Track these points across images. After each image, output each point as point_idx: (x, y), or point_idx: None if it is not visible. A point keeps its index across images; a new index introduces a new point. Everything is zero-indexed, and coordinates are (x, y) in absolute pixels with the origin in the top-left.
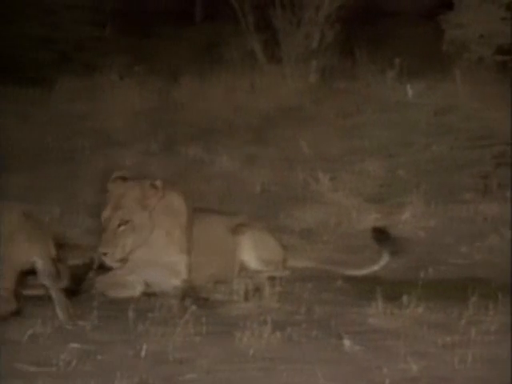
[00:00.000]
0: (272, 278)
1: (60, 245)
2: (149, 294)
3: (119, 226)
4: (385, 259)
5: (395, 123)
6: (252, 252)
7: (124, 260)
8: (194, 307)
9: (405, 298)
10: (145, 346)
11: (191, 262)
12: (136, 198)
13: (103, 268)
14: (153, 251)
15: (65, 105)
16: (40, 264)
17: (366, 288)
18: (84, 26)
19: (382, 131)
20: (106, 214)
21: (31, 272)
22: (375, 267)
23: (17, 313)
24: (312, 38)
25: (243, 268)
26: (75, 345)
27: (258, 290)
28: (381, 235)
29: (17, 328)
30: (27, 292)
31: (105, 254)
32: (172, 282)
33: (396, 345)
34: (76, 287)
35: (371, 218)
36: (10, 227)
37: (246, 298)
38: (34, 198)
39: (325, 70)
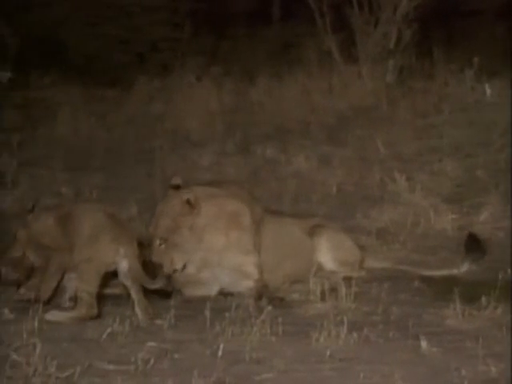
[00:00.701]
0: (348, 279)
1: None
2: (225, 294)
3: (160, 244)
4: (466, 266)
5: (473, 123)
6: (329, 254)
7: (178, 270)
8: (270, 307)
9: (483, 299)
10: (221, 346)
11: (261, 263)
12: (172, 216)
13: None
14: (215, 254)
15: (142, 105)
16: (124, 264)
17: (443, 289)
18: (161, 28)
19: (460, 131)
20: (150, 230)
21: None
22: (454, 271)
23: (96, 317)
24: (389, 38)
25: (320, 269)
26: (153, 343)
27: (334, 290)
28: (473, 243)
29: (95, 327)
30: (105, 291)
31: (160, 265)
32: (244, 283)
33: (474, 346)
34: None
35: (448, 219)
36: (94, 228)
37: (323, 298)
38: (111, 197)
39: (402, 70)
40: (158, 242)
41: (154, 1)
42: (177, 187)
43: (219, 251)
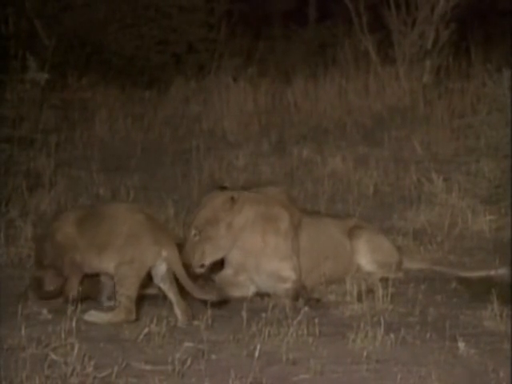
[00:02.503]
0: (385, 280)
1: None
2: (261, 295)
3: (195, 235)
4: (503, 269)
5: (511, 123)
6: (368, 255)
7: (205, 267)
8: (306, 308)
9: None
10: (258, 346)
11: (299, 265)
12: (213, 209)
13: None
14: (252, 258)
15: (179, 106)
16: (163, 267)
17: (480, 290)
18: (198, 28)
19: (497, 131)
20: (188, 221)
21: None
22: (492, 272)
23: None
24: (426, 38)
25: (358, 270)
26: (189, 344)
27: (370, 291)
28: None
29: (133, 327)
30: (142, 291)
31: (190, 263)
32: (281, 285)
33: None
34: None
35: (486, 220)
36: (134, 229)
37: (359, 299)
38: (149, 198)
39: (439, 70)
40: (193, 231)
41: (191, 2)
42: (224, 188)
43: (256, 255)
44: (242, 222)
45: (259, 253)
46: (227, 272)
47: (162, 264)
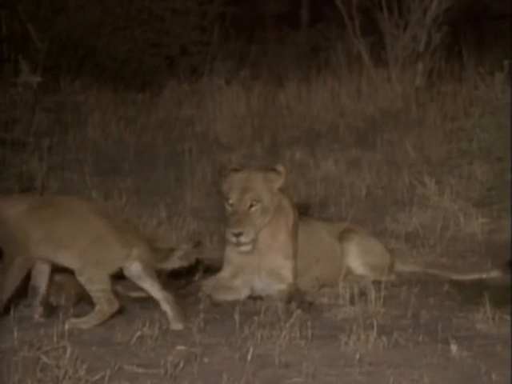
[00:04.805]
0: (377, 282)
1: (168, 248)
2: (254, 298)
3: (250, 206)
4: (495, 272)
5: (503, 126)
6: (359, 259)
7: (254, 242)
8: (299, 311)
9: None
10: (251, 349)
11: (297, 266)
12: (262, 180)
13: (209, 271)
14: (258, 255)
15: (172, 109)
16: (136, 266)
17: (473, 293)
18: (190, 31)
19: (490, 134)
20: (235, 196)
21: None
22: (484, 275)
23: (120, 311)
24: (419, 41)
25: (349, 273)
26: (182, 347)
27: (363, 294)
28: None
29: (125, 330)
30: (134, 294)
31: (239, 234)
32: (276, 286)
33: (505, 351)
34: (183, 290)
35: (478, 223)
36: (99, 231)
37: (352, 302)
38: (141, 201)
39: (431, 73)
40: (249, 203)
41: (184, 5)
42: (237, 170)
43: (263, 250)
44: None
45: (267, 248)
46: (222, 275)
47: (133, 264)
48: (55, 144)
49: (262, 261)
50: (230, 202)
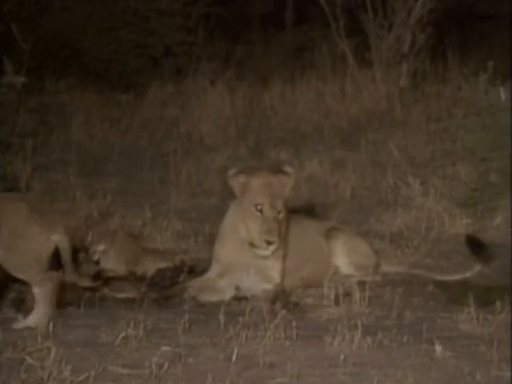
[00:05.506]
0: (362, 283)
1: (152, 249)
2: (239, 298)
3: (279, 212)
4: (477, 267)
5: (487, 127)
6: (346, 257)
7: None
8: (283, 311)
9: (498, 304)
10: (235, 350)
11: (285, 267)
12: (282, 184)
13: (193, 272)
14: (247, 255)
15: (156, 110)
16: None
17: (457, 293)
18: (175, 32)
19: (474, 135)
20: (266, 203)
21: (121, 278)
22: (467, 273)
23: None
24: (403, 42)
25: (335, 272)
26: (166, 348)
27: (348, 294)
28: (474, 243)
29: (109, 331)
30: (119, 295)
31: (270, 243)
32: (263, 285)
33: (489, 351)
34: (168, 291)
35: (463, 223)
36: (18, 220)
37: (337, 303)
38: (126, 201)
39: (416, 74)
40: (278, 210)
41: (169, 5)
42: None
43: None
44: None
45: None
46: (209, 276)
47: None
48: (39, 145)
49: (253, 259)
50: (259, 208)
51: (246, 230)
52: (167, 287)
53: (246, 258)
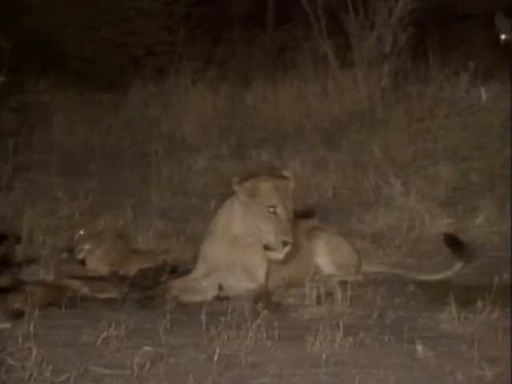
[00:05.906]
0: (344, 283)
1: (138, 250)
2: (221, 298)
3: (289, 213)
4: (458, 265)
5: (468, 127)
6: (327, 257)
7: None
8: (266, 311)
9: (479, 303)
10: (217, 350)
11: (269, 268)
12: (285, 188)
13: (175, 272)
14: (236, 254)
15: (138, 110)
16: None
17: (438, 293)
18: (157, 32)
19: (455, 135)
20: (281, 204)
21: (103, 278)
22: (448, 272)
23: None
24: (385, 42)
25: (317, 272)
26: (148, 348)
27: (330, 294)
28: (452, 241)
29: (91, 331)
30: (101, 295)
31: (286, 244)
32: (246, 285)
33: (470, 350)
34: (150, 291)
35: (444, 223)
36: None
37: (318, 303)
38: (108, 201)
39: (397, 74)
40: (291, 211)
41: (150, 5)
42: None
43: (242, 251)
44: None
45: (247, 246)
46: (194, 276)
47: None
48: (20, 144)
49: (241, 258)
50: (273, 210)
51: (259, 234)
52: (149, 287)
53: (233, 256)
